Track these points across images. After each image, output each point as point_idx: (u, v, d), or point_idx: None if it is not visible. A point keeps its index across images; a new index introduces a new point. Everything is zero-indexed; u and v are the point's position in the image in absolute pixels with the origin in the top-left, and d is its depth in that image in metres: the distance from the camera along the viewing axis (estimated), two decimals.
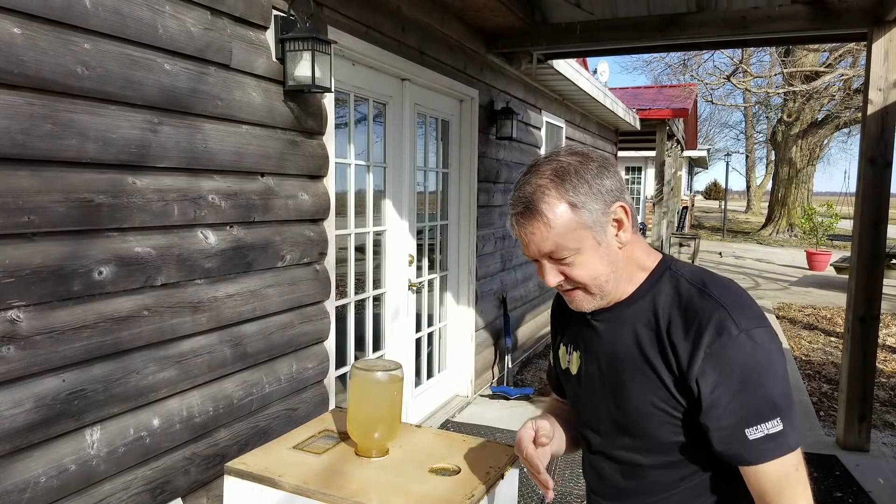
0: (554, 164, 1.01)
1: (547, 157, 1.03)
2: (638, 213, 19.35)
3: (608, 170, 1.01)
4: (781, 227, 20.38)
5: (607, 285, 1.04)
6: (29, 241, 1.53)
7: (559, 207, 0.98)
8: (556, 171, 0.99)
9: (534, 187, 0.99)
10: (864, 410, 3.67)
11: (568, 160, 1.01)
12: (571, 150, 1.05)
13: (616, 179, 1.02)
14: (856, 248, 3.64)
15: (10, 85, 1.47)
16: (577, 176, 0.98)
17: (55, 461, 1.59)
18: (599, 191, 0.99)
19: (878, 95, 3.51)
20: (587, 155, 1.03)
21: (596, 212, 0.99)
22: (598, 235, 1.00)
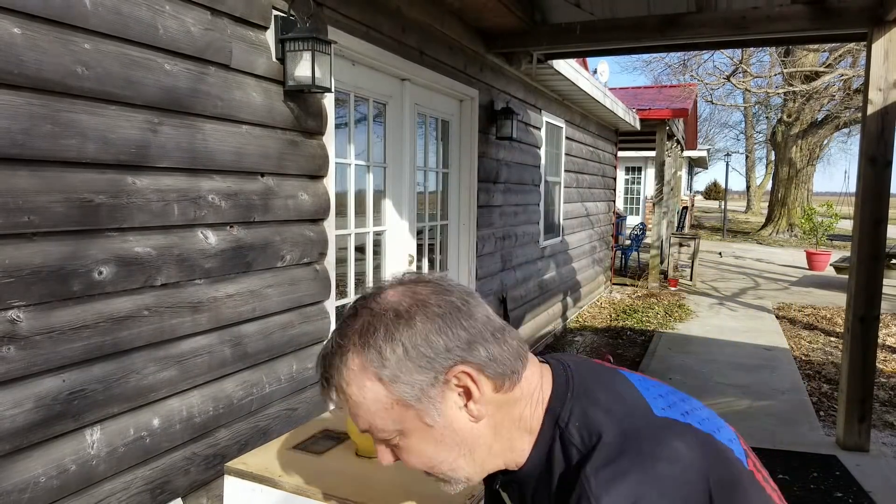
0: (364, 316, 0.76)
1: (364, 301, 0.79)
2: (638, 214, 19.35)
3: (446, 319, 0.75)
4: (781, 227, 20.38)
5: (456, 473, 0.80)
6: (29, 241, 1.53)
7: (364, 381, 0.75)
8: (363, 331, 0.75)
9: (335, 349, 0.77)
10: (864, 410, 3.67)
11: (384, 309, 0.76)
12: (402, 289, 0.78)
13: (459, 330, 0.75)
14: (856, 248, 3.64)
15: (10, 85, 1.47)
16: (388, 338, 0.73)
17: (55, 461, 1.59)
18: (424, 355, 0.73)
19: (878, 95, 3.51)
20: (418, 301, 0.76)
21: (419, 384, 0.74)
22: (427, 415, 0.75)
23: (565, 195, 6.80)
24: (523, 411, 0.79)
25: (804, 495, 3.17)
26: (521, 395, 0.79)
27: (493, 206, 4.66)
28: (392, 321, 0.74)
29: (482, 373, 0.76)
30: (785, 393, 4.80)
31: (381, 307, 0.76)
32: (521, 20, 4.00)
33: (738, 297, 9.11)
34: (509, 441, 0.80)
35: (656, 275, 9.75)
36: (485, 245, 4.53)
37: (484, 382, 0.76)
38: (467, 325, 0.76)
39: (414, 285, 0.79)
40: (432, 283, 0.79)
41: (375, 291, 0.79)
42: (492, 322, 0.78)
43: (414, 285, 0.79)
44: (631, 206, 20.02)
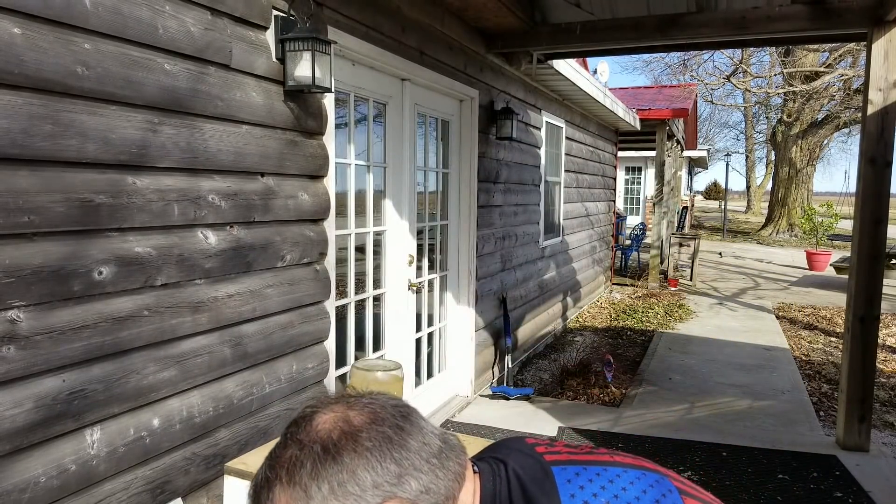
0: (292, 448, 0.74)
1: (298, 426, 0.77)
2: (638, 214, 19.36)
3: (374, 454, 0.73)
4: (781, 227, 20.38)
5: None
6: (29, 241, 1.53)
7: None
8: (290, 465, 0.73)
9: (262, 482, 0.75)
10: (864, 410, 3.67)
11: (312, 444, 0.73)
12: (335, 419, 0.75)
13: (389, 463, 0.73)
14: (856, 248, 3.64)
15: (11, 85, 1.47)
16: (314, 474, 0.71)
17: (55, 461, 1.59)
18: (350, 492, 0.71)
19: (878, 95, 3.51)
20: (349, 434, 0.74)
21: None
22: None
23: (565, 195, 6.80)
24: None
25: (804, 495, 3.17)
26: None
27: (493, 206, 4.66)
28: (319, 457, 0.72)
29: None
30: (785, 393, 4.80)
31: (309, 439, 0.74)
32: (521, 20, 4.00)
33: (738, 297, 9.11)
34: None
35: (656, 275, 9.76)
36: (485, 245, 4.53)
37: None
38: (398, 456, 0.73)
39: (347, 410, 0.76)
40: (367, 409, 0.76)
41: (308, 417, 0.76)
42: (428, 447, 0.76)
43: (347, 410, 0.76)
44: (631, 206, 20.02)
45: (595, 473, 0.81)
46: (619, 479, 0.80)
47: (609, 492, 0.78)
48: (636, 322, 7.29)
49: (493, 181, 4.63)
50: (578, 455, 0.86)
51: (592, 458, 0.85)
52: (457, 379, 4.43)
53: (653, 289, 9.48)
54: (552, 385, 4.91)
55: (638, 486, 0.79)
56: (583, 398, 4.59)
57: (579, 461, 0.84)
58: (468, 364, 4.42)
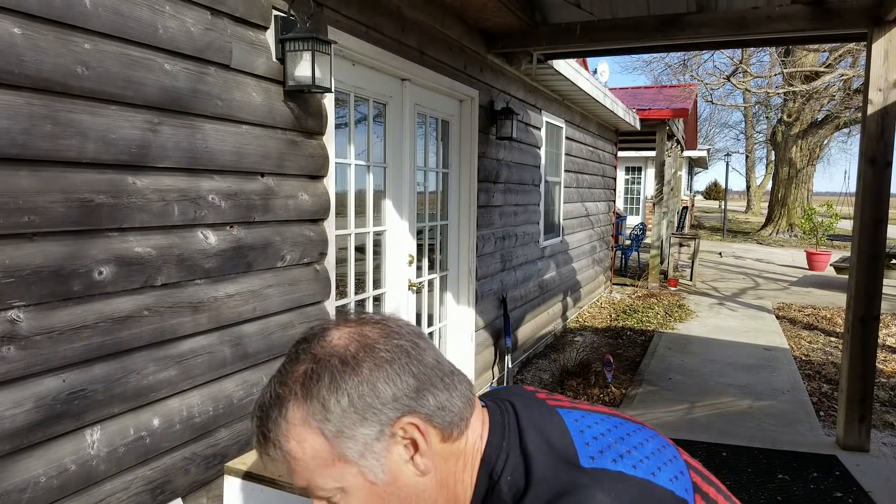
0: (308, 362, 0.71)
1: (308, 346, 0.73)
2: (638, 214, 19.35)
3: (394, 366, 0.70)
4: (781, 227, 20.39)
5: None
6: (29, 241, 1.53)
7: (304, 434, 0.69)
8: (306, 379, 0.70)
9: (273, 399, 0.71)
10: (864, 410, 3.67)
11: (329, 354, 0.70)
12: (347, 333, 0.73)
13: (407, 377, 0.70)
14: (856, 248, 3.64)
15: (11, 85, 1.47)
16: (333, 387, 0.68)
17: (55, 461, 1.59)
18: (370, 406, 0.69)
19: (878, 95, 3.51)
20: (365, 346, 0.71)
21: (364, 438, 0.69)
22: (370, 472, 0.70)
23: (565, 195, 6.80)
24: (466, 462, 0.76)
25: (804, 495, 3.17)
26: (465, 445, 0.76)
27: (493, 206, 4.66)
28: (338, 368, 0.69)
29: (430, 423, 0.71)
30: (785, 393, 4.80)
31: (325, 353, 0.70)
32: (522, 20, 4.00)
33: (738, 297, 9.11)
34: (453, 493, 0.76)
35: (656, 275, 9.75)
36: (485, 245, 4.53)
37: (432, 433, 0.72)
38: (416, 371, 0.71)
39: (361, 327, 0.74)
40: (380, 325, 0.74)
41: (319, 333, 0.74)
42: (441, 366, 0.74)
43: (361, 327, 0.74)
44: (631, 206, 20.02)
45: (600, 418, 0.81)
46: (622, 427, 0.80)
47: (616, 433, 0.78)
48: (636, 322, 7.29)
49: (493, 181, 4.63)
50: (580, 404, 0.86)
51: (596, 409, 0.85)
52: None
53: (653, 289, 9.48)
54: (552, 385, 4.91)
55: (641, 435, 0.79)
56: (583, 398, 4.59)
57: (583, 408, 0.84)
58: (468, 364, 4.42)
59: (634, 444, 0.76)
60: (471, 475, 0.76)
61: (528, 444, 0.75)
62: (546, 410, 0.81)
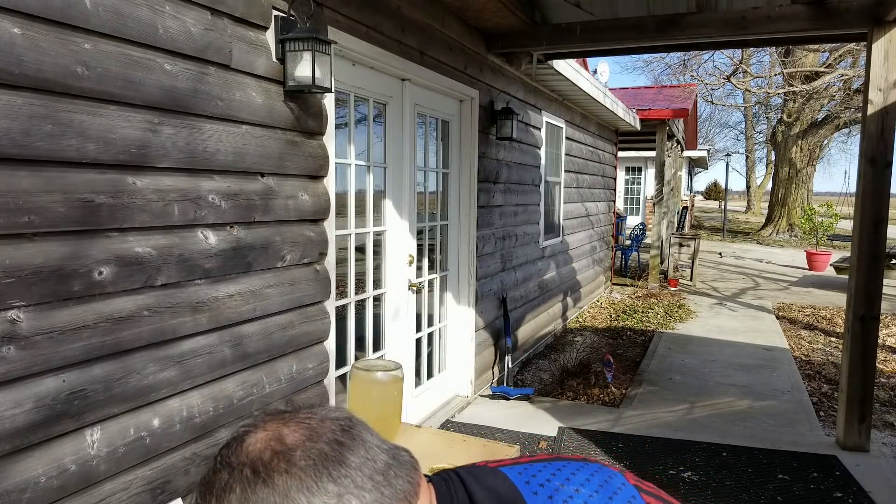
0: (222, 473, 0.68)
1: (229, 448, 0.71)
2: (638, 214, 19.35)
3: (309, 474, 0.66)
4: (781, 227, 20.39)
5: None
6: (29, 242, 1.53)
7: None
8: (219, 491, 0.67)
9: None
10: (864, 411, 3.67)
11: (241, 466, 0.67)
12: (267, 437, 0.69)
13: (323, 486, 0.66)
14: (856, 249, 3.64)
15: (11, 85, 1.47)
16: (243, 500, 0.66)
17: (55, 461, 1.59)
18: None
19: (878, 95, 3.51)
20: (282, 453, 0.67)
21: None
22: None
23: (565, 195, 6.80)
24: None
25: (804, 495, 3.17)
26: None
27: (494, 207, 4.66)
28: (249, 480, 0.66)
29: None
30: (785, 393, 4.80)
31: (239, 462, 0.67)
32: (522, 20, 4.00)
33: (739, 298, 9.11)
34: None
35: (656, 275, 9.76)
36: (485, 245, 4.53)
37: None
38: (337, 474, 0.67)
39: (281, 426, 0.70)
40: (303, 425, 0.70)
41: (239, 438, 0.70)
42: (372, 462, 0.70)
43: (281, 426, 0.70)
44: (631, 206, 20.02)
45: (542, 465, 0.82)
46: (566, 468, 0.82)
47: (561, 475, 0.79)
48: (636, 322, 7.29)
49: (494, 181, 4.63)
50: (521, 459, 0.87)
51: (537, 458, 0.86)
52: (457, 379, 4.43)
53: (653, 289, 9.48)
54: (552, 385, 4.91)
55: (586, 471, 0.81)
56: (583, 398, 4.59)
57: (524, 461, 0.85)
58: (468, 364, 4.42)
59: (581, 482, 0.78)
60: None
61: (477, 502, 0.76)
62: (489, 471, 0.82)
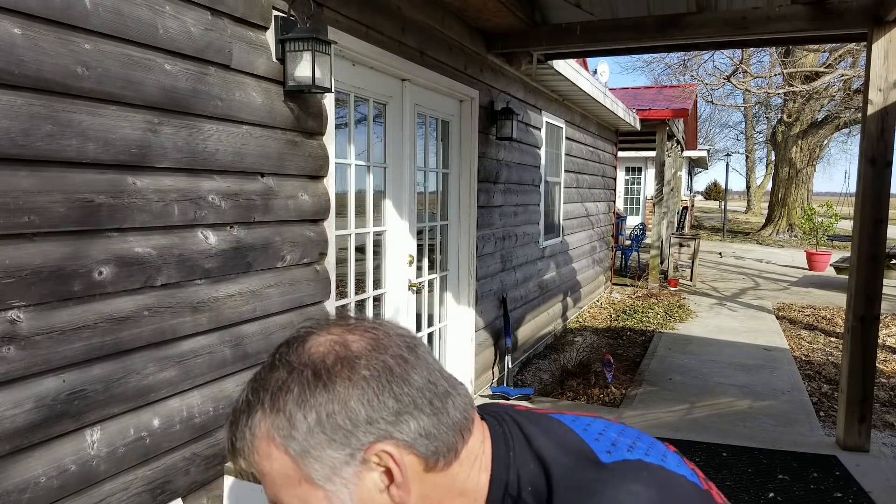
0: (280, 370, 0.65)
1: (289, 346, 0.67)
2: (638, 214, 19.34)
3: (371, 385, 0.63)
4: (781, 227, 20.38)
5: None
6: (29, 242, 1.53)
7: (270, 449, 0.63)
8: (276, 390, 0.64)
9: (243, 406, 0.66)
10: (864, 411, 3.67)
11: (302, 367, 0.64)
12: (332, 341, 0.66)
13: (388, 399, 0.63)
14: (856, 249, 3.64)
15: (11, 85, 1.47)
16: (302, 401, 0.62)
17: (55, 461, 1.59)
18: (341, 427, 0.62)
19: (878, 95, 3.51)
20: (344, 359, 0.64)
21: (331, 461, 0.62)
22: (337, 498, 0.63)
23: (565, 195, 6.80)
24: (465, 484, 0.68)
25: (804, 495, 3.17)
26: (459, 470, 0.68)
27: (493, 207, 4.66)
28: (309, 382, 0.63)
29: (411, 451, 0.64)
30: (785, 393, 4.80)
31: (300, 362, 0.64)
32: (522, 20, 4.00)
33: (738, 298, 9.11)
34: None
35: (656, 275, 9.75)
36: (485, 245, 4.53)
37: (411, 463, 0.64)
38: (399, 392, 0.64)
39: (347, 333, 0.67)
40: (369, 335, 0.67)
41: (300, 338, 0.67)
42: (433, 387, 0.66)
43: (347, 333, 0.67)
44: (631, 206, 20.02)
45: (590, 420, 0.79)
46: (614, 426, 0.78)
47: (613, 430, 0.75)
48: (636, 322, 7.29)
49: (494, 181, 4.63)
50: (565, 412, 0.83)
51: (582, 414, 0.82)
52: (457, 379, 4.42)
53: (653, 289, 9.48)
54: (552, 385, 4.91)
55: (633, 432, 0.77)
56: (583, 398, 4.59)
57: (571, 414, 0.81)
58: (468, 364, 4.42)
59: (635, 438, 0.75)
60: (475, 496, 0.69)
61: (539, 448, 0.70)
62: (542, 416, 0.78)
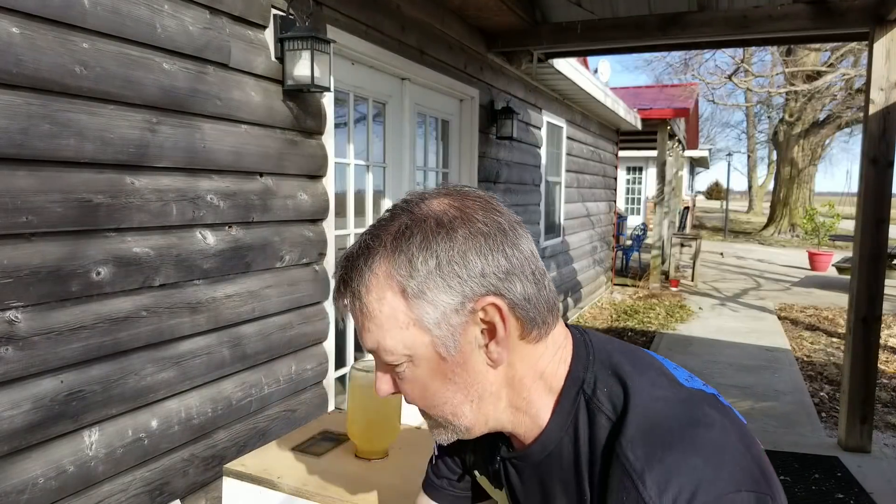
0: (404, 218, 0.68)
1: (406, 203, 0.71)
2: (639, 214, 19.33)
3: (489, 241, 0.66)
4: (783, 227, 20.36)
5: (457, 419, 0.71)
6: (27, 242, 1.52)
7: (385, 291, 0.67)
8: (398, 234, 0.67)
9: (363, 250, 0.69)
10: (866, 412, 3.65)
11: (426, 214, 0.67)
12: (448, 199, 0.70)
13: (500, 257, 0.66)
14: (857, 249, 3.63)
15: (9, 85, 1.46)
16: (424, 246, 0.65)
17: (54, 462, 1.59)
18: (457, 274, 0.65)
19: (880, 95, 3.50)
20: (463, 212, 0.68)
21: (443, 307, 0.66)
22: (442, 344, 0.67)
23: (566, 195, 6.79)
24: (546, 367, 0.71)
25: (806, 496, 3.16)
26: (545, 351, 0.71)
27: None
28: (432, 229, 0.66)
29: (513, 312, 0.67)
30: (787, 394, 4.79)
31: (422, 213, 0.68)
32: (522, 19, 3.99)
33: (740, 298, 9.09)
34: (527, 399, 0.71)
35: (657, 275, 9.74)
36: None
37: (512, 323, 0.67)
38: (510, 253, 0.67)
39: (462, 198, 0.70)
40: (482, 200, 0.70)
41: (419, 196, 0.71)
42: (535, 260, 0.69)
43: (462, 198, 0.70)
44: (632, 206, 20.00)
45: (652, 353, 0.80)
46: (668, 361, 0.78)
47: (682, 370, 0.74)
48: (637, 323, 7.28)
49: (494, 181, 4.62)
50: None
51: None
52: None
53: (654, 289, 9.47)
54: None
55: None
56: None
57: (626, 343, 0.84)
58: None
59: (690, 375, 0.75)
60: (552, 382, 0.71)
61: (622, 363, 0.70)
62: (625, 342, 0.78)
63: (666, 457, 0.60)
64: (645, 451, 0.61)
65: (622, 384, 0.67)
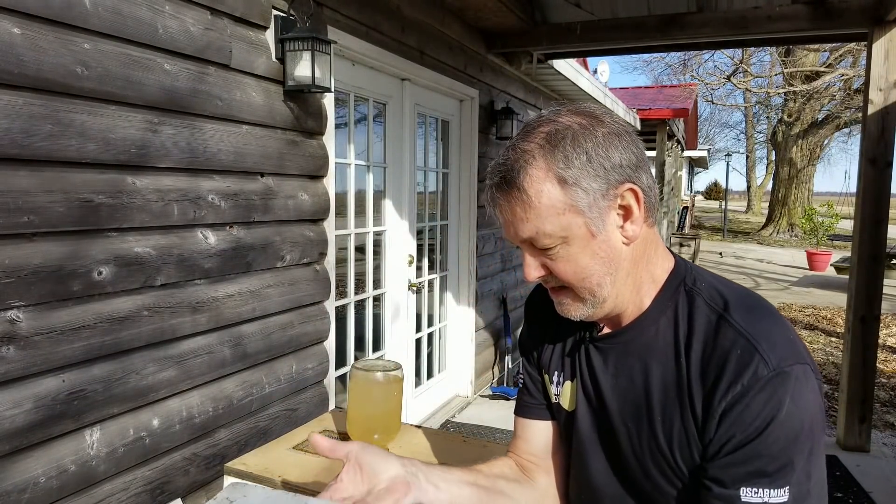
0: (549, 125, 0.81)
1: (545, 116, 0.84)
2: None
3: (621, 139, 0.80)
4: (782, 227, 20.37)
5: (600, 290, 0.83)
6: (29, 241, 1.53)
7: (544, 183, 0.78)
8: (550, 136, 0.79)
9: (518, 153, 0.80)
10: (865, 411, 3.66)
11: (568, 121, 0.80)
12: (578, 109, 0.83)
13: (630, 153, 0.80)
14: (856, 249, 3.63)
15: (10, 85, 1.47)
16: (575, 144, 0.78)
17: (55, 461, 1.59)
18: (602, 165, 0.78)
19: (879, 95, 3.51)
20: (596, 118, 0.81)
21: (594, 193, 0.78)
22: (593, 224, 0.80)
23: None
24: (656, 253, 0.87)
25: None
26: (655, 239, 0.87)
27: None
28: (577, 132, 0.79)
29: (644, 196, 0.81)
30: None
31: (563, 121, 0.81)
32: (522, 20, 4.00)
33: None
34: (639, 279, 0.86)
35: None
36: (485, 245, 4.52)
37: (639, 207, 0.81)
38: (636, 151, 0.82)
39: (587, 110, 0.84)
40: (602, 109, 0.85)
41: (553, 113, 0.84)
42: (648, 163, 0.85)
43: (587, 110, 0.84)
44: None
45: None
46: None
47: None
48: None
49: None
50: None
51: None
52: (457, 379, 4.43)
53: None
54: None
55: None
56: None
57: None
58: (468, 364, 4.42)
59: None
60: (658, 270, 0.87)
61: (713, 277, 0.87)
62: None
63: (770, 327, 0.78)
64: (749, 319, 0.79)
65: (717, 283, 0.85)
